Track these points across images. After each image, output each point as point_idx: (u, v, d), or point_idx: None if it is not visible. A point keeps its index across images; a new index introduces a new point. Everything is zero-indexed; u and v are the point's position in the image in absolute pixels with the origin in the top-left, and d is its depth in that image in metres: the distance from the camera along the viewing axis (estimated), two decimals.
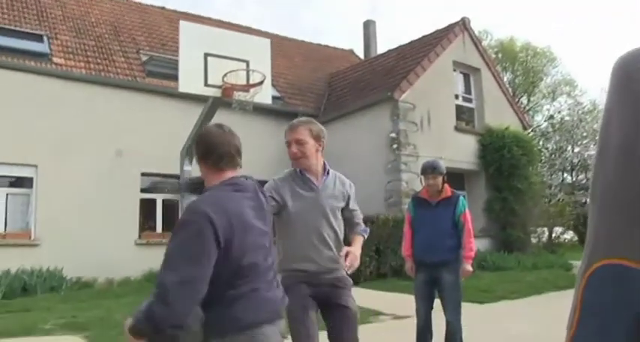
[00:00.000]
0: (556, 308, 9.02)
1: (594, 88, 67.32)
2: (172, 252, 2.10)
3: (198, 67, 6.77)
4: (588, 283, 1.04)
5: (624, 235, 0.99)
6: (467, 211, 5.26)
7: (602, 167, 1.04)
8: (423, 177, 5.39)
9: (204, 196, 2.32)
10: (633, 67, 1.04)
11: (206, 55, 6.81)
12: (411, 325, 7.22)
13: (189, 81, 6.80)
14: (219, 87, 6.86)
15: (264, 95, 7.34)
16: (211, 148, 2.40)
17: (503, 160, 15.05)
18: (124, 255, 12.67)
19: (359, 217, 3.86)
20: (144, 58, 14.90)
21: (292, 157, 3.50)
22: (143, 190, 13.86)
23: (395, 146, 13.81)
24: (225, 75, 6.76)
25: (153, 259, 12.91)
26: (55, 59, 13.14)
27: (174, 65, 14.45)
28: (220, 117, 8.29)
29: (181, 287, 2.01)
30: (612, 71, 1.07)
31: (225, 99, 7.05)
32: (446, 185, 5.36)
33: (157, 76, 14.47)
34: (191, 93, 7.49)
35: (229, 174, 2.41)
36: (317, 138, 3.48)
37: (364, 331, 7.05)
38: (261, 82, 6.97)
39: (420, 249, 5.34)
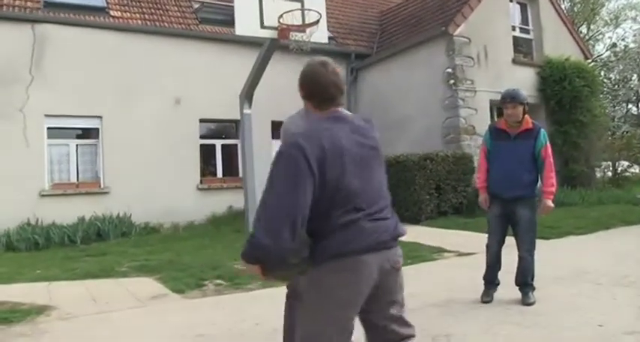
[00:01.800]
0: (623, 243, 8.97)
1: None
2: (269, 183, 2.23)
3: (253, 10, 6.73)
4: None
5: None
6: (548, 144, 5.12)
7: None
8: (502, 107, 5.25)
9: (300, 127, 2.46)
10: None
11: None
12: (475, 261, 7.28)
13: (246, 24, 6.78)
14: (275, 28, 6.81)
15: (321, 35, 7.27)
16: (315, 90, 2.49)
17: (564, 93, 14.59)
18: (187, 200, 13.06)
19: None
20: (195, 6, 14.87)
21: None
22: (202, 137, 14.08)
23: (451, 82, 13.54)
24: (281, 16, 6.70)
25: (215, 203, 13.34)
26: (112, 12, 13.29)
27: (226, 11, 14.52)
28: (277, 59, 8.31)
29: (279, 215, 2.15)
30: None
31: (282, 40, 7.00)
32: (527, 116, 5.19)
33: (210, 22, 14.50)
34: (247, 37, 7.47)
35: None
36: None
37: (429, 268, 7.17)
38: (317, 22, 6.89)
39: (495, 182, 5.25)
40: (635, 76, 35.72)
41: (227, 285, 6.57)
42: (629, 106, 36.53)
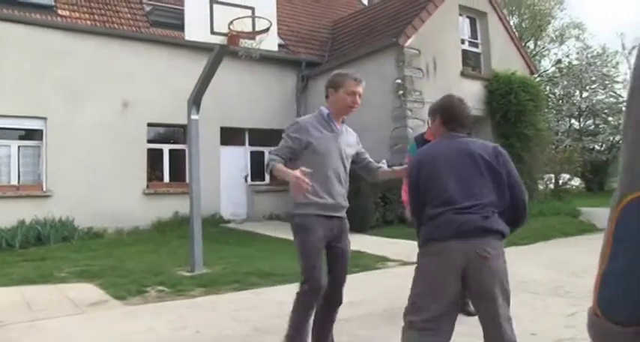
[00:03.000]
0: (564, 254, 9.22)
1: (604, 31, 66.38)
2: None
3: (203, 15, 6.67)
4: (620, 216, 1.05)
5: None
6: None
7: (637, 97, 1.01)
8: (430, 118, 5.27)
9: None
10: None
11: (211, 2, 6.71)
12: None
13: (196, 29, 6.71)
14: (225, 35, 6.77)
15: (271, 42, 7.25)
16: (451, 117, 3.19)
17: (509, 106, 14.94)
18: (132, 205, 12.87)
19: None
20: (147, 9, 14.71)
21: (350, 106, 3.88)
22: (150, 141, 13.90)
23: (400, 93, 13.73)
24: (231, 22, 6.67)
25: (160, 208, 13.19)
26: (60, 11, 13.00)
27: (178, 14, 14.40)
28: (226, 65, 8.27)
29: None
30: None
31: (231, 47, 6.97)
32: None
33: (161, 26, 14.33)
34: (197, 42, 7.43)
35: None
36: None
37: (371, 277, 7.23)
38: (267, 29, 6.88)
39: None
40: (577, 92, 36.86)
41: (169, 292, 6.49)
42: (572, 120, 37.64)
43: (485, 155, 3.02)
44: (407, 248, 9.38)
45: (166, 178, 14.18)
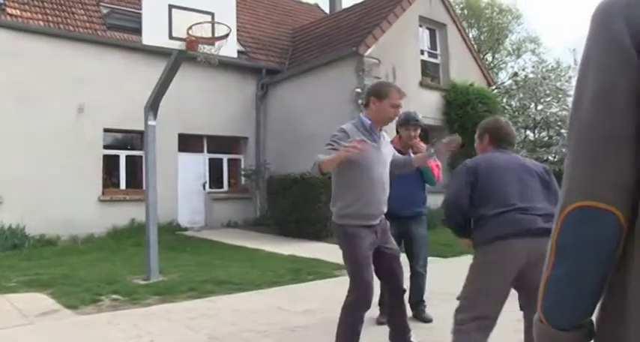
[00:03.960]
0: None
1: (558, 46, 67.94)
2: None
3: (162, 20, 6.57)
4: (562, 226, 1.07)
5: (595, 178, 1.03)
6: (438, 161, 5.27)
7: (577, 114, 1.07)
8: (402, 128, 5.27)
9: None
10: (613, 10, 1.05)
11: (170, 6, 6.62)
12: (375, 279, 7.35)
13: (154, 34, 6.60)
14: (183, 40, 6.68)
15: (230, 49, 7.18)
16: (502, 137, 3.58)
17: (467, 117, 15.13)
18: (87, 212, 12.58)
19: None
20: (104, 11, 14.47)
21: (392, 118, 4.01)
22: (106, 147, 13.64)
23: (360, 101, 13.76)
24: (190, 28, 6.59)
25: (116, 215, 12.94)
26: (9, 10, 12.59)
27: (136, 18, 14.18)
28: (185, 71, 8.16)
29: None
30: (592, 17, 1.09)
31: (189, 52, 6.89)
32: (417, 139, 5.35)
33: (119, 29, 14.08)
34: (155, 46, 7.35)
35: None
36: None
37: (328, 284, 7.20)
38: (226, 35, 6.81)
39: (393, 202, 5.31)
40: (533, 104, 37.61)
41: (124, 300, 6.34)
42: (527, 132, 38.37)
43: (538, 169, 3.42)
44: None
45: (123, 184, 13.90)
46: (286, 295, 6.68)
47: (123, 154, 14.02)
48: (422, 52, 15.90)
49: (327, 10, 22.96)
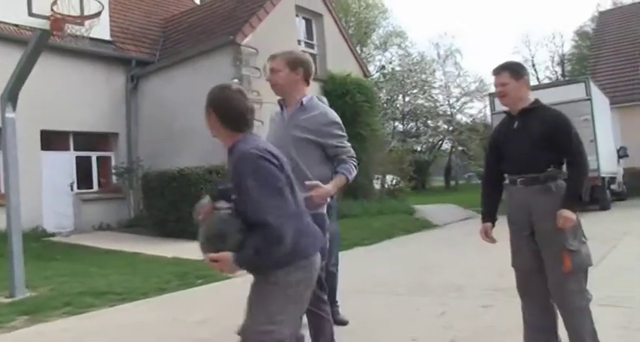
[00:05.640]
0: (409, 251, 9.26)
1: (423, 40, 70.83)
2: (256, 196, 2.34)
3: None
4: None
5: None
6: None
7: None
8: None
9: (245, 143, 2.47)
10: None
11: None
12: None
13: (8, 9, 5.67)
14: (47, 18, 5.80)
15: (102, 30, 6.41)
16: (232, 113, 2.54)
17: (346, 108, 14.93)
18: None
19: (345, 153, 3.56)
20: None
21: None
22: None
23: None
24: (55, 3, 5.72)
25: None
26: None
27: None
28: (48, 61, 7.20)
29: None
30: None
31: (55, 32, 5.99)
32: None
33: None
34: (7, 28, 6.37)
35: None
36: (293, 67, 3.47)
37: (222, 288, 6.62)
38: (98, 14, 6.01)
39: None
40: (400, 96, 38.79)
41: None
42: (396, 123, 39.52)
43: None
44: None
45: None
46: (177, 304, 6.04)
47: None
48: (299, 42, 15.59)
49: (197, 0, 22.11)
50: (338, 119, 3.57)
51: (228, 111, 2.53)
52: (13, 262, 6.58)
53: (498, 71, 3.43)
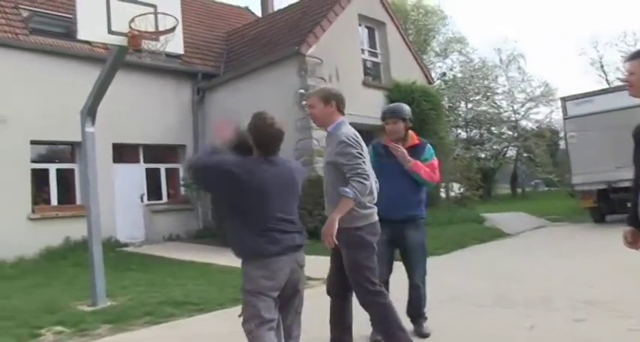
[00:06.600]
0: (483, 260, 9.01)
1: (484, 45, 69.79)
2: None
3: (99, 12, 5.81)
4: None
5: None
6: (434, 160, 4.80)
7: None
8: (383, 123, 4.90)
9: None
10: None
11: None
12: None
13: (90, 28, 5.81)
14: (125, 35, 5.93)
15: (176, 44, 6.49)
16: (263, 140, 3.25)
17: (412, 116, 14.80)
18: (15, 232, 11.46)
19: (350, 171, 3.75)
20: (24, 14, 13.36)
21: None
22: (34, 161, 12.56)
23: (304, 103, 13.22)
24: (133, 20, 5.85)
25: (49, 234, 11.90)
26: None
27: (59, 21, 13.25)
28: (117, 77, 7.30)
29: None
30: None
31: (133, 48, 6.13)
32: (411, 132, 4.87)
33: (42, 34, 13.01)
34: (81, 52, 6.56)
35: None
36: (326, 101, 3.97)
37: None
38: (173, 28, 6.12)
39: (384, 204, 4.81)
40: (462, 103, 38.22)
41: (70, 332, 5.48)
42: (459, 130, 38.94)
43: None
44: (325, 264, 8.76)
45: (54, 200, 12.83)
46: None
47: (53, 168, 12.97)
48: (362, 51, 15.54)
49: (258, 13, 22.40)
50: (344, 137, 3.78)
51: None
52: (94, 271, 6.74)
53: (630, 58, 3.04)
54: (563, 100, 14.70)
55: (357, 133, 3.89)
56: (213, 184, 3.25)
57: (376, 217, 4.01)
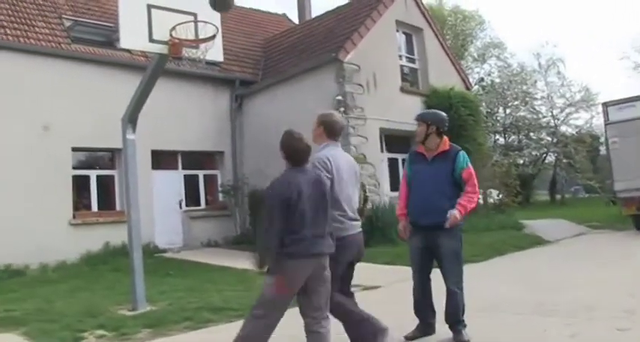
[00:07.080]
0: (522, 268, 8.86)
1: (522, 50, 69.02)
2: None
3: (141, 21, 5.90)
4: None
5: None
6: (470, 167, 4.74)
7: None
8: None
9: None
10: None
11: (149, 6, 5.96)
12: (383, 295, 6.79)
13: (132, 36, 5.90)
14: (165, 43, 6.00)
15: (216, 52, 6.54)
16: (294, 155, 3.82)
17: (450, 122, 14.57)
18: (57, 237, 11.71)
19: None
20: (67, 24, 13.66)
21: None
22: (75, 167, 12.80)
23: (342, 110, 13.21)
24: (174, 28, 5.92)
25: (89, 239, 12.10)
26: None
27: (101, 30, 13.52)
28: (156, 84, 7.41)
29: None
30: None
31: (173, 56, 6.21)
32: (445, 138, 4.85)
33: (84, 42, 13.29)
34: (121, 60, 6.67)
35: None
36: (318, 124, 4.42)
37: None
38: (213, 36, 6.17)
39: (413, 209, 4.82)
40: (501, 108, 37.76)
41: (112, 336, 5.58)
42: (497, 136, 38.46)
43: None
44: (361, 270, 8.72)
45: (94, 206, 13.06)
46: (294, 320, 6.01)
47: (93, 174, 13.21)
48: (400, 58, 15.47)
49: (295, 20, 22.45)
50: (315, 160, 4.13)
51: None
52: (134, 276, 6.83)
53: None
54: (605, 105, 14.42)
55: (332, 155, 4.21)
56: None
57: (348, 232, 4.23)
